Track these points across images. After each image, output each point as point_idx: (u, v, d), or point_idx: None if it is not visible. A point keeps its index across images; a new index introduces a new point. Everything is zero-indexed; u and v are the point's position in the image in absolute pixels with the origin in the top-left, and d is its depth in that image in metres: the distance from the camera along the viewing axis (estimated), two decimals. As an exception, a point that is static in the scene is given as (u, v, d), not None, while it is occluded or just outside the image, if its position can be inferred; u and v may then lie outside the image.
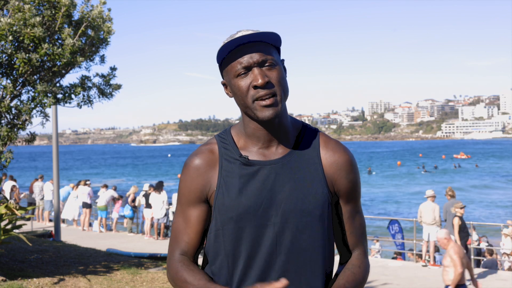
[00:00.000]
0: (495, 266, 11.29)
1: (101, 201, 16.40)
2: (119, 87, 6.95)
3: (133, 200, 16.12)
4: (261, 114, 1.45)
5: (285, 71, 1.55)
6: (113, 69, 6.95)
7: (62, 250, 8.50)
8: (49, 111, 9.10)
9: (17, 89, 6.21)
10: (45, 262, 7.21)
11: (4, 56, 6.00)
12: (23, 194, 17.74)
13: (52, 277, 6.25)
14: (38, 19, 5.78)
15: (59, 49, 6.01)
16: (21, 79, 6.20)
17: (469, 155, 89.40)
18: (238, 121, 1.63)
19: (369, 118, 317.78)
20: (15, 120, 6.19)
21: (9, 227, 6.31)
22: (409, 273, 10.40)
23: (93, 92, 6.79)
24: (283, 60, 1.57)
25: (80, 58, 6.25)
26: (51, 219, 16.97)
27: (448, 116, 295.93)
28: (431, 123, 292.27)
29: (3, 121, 6.16)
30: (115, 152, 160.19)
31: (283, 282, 1.34)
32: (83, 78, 6.67)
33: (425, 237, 11.15)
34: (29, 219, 15.08)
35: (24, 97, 6.38)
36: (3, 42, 5.86)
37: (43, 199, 17.24)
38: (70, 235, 14.14)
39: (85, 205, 16.32)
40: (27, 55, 5.86)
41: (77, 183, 17.66)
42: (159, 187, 14.49)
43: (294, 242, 1.48)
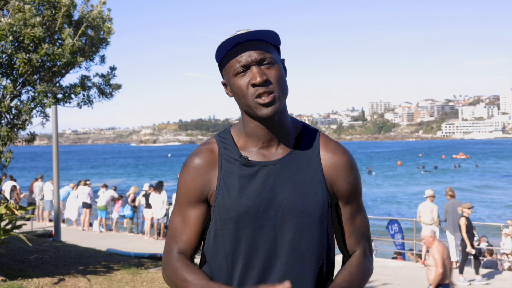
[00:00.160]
0: (495, 266, 11.30)
1: (101, 201, 16.41)
2: (119, 87, 6.95)
3: (133, 200, 16.12)
4: (260, 112, 1.45)
5: (285, 70, 1.55)
6: (113, 69, 6.95)
7: (62, 250, 8.50)
8: (49, 111, 9.10)
9: (17, 89, 6.21)
10: (45, 262, 7.21)
11: (4, 56, 6.00)
12: (23, 194, 17.74)
13: (52, 277, 6.25)
14: (38, 19, 5.78)
15: (59, 49, 6.01)
16: (21, 79, 6.20)
17: (468, 155, 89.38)
18: (237, 121, 1.63)
19: (369, 118, 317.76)
20: (15, 120, 6.19)
21: (9, 227, 6.31)
22: (409, 273, 10.40)
23: (93, 92, 6.80)
24: (283, 60, 1.56)
25: (80, 58, 6.26)
26: (51, 219, 16.98)
27: (448, 116, 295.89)
28: (431, 123, 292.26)
29: (3, 121, 6.16)
30: (115, 152, 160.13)
31: (286, 285, 1.33)
32: (83, 77, 6.68)
33: (424, 237, 11.13)
34: (29, 219, 15.09)
35: (24, 97, 6.39)
36: (3, 42, 5.86)
37: (43, 199, 17.24)
38: (70, 235, 14.14)
39: (85, 205, 16.32)
40: (27, 55, 5.87)
41: (77, 183, 17.67)
42: (159, 187, 14.49)
43: (294, 243, 1.48)
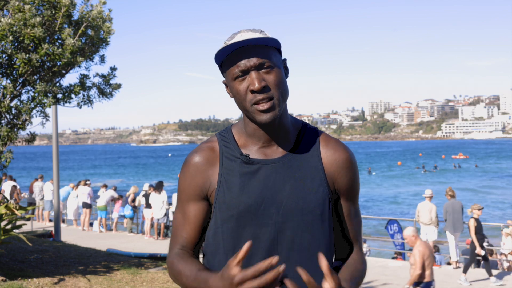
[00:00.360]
0: (495, 266, 11.30)
1: (101, 201, 16.41)
2: (119, 87, 6.95)
3: (133, 200, 16.12)
4: (258, 118, 1.45)
5: (286, 70, 1.54)
6: (113, 69, 6.95)
7: (62, 250, 8.50)
8: (49, 111, 9.11)
9: (17, 89, 6.21)
10: (45, 262, 7.21)
11: (4, 56, 6.00)
12: (23, 194, 17.75)
13: (52, 277, 6.25)
14: (38, 19, 5.78)
15: (59, 49, 6.01)
16: (21, 79, 6.20)
17: (467, 155, 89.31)
18: (238, 120, 1.63)
19: (369, 118, 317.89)
20: (15, 120, 6.19)
21: (9, 227, 6.31)
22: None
23: (93, 92, 6.80)
24: (285, 60, 1.55)
25: (80, 58, 6.26)
26: (51, 219, 16.99)
27: (448, 116, 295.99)
28: (431, 123, 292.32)
29: (3, 121, 6.16)
30: (115, 152, 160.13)
31: (280, 268, 1.25)
32: (82, 77, 6.67)
33: (422, 237, 11.14)
34: (29, 219, 15.10)
35: (24, 97, 6.39)
36: (3, 42, 5.86)
37: (43, 199, 17.25)
38: (70, 235, 14.15)
39: (85, 205, 16.33)
40: (27, 55, 5.86)
41: (77, 183, 17.68)
42: (159, 187, 14.49)
43: (295, 240, 1.48)
